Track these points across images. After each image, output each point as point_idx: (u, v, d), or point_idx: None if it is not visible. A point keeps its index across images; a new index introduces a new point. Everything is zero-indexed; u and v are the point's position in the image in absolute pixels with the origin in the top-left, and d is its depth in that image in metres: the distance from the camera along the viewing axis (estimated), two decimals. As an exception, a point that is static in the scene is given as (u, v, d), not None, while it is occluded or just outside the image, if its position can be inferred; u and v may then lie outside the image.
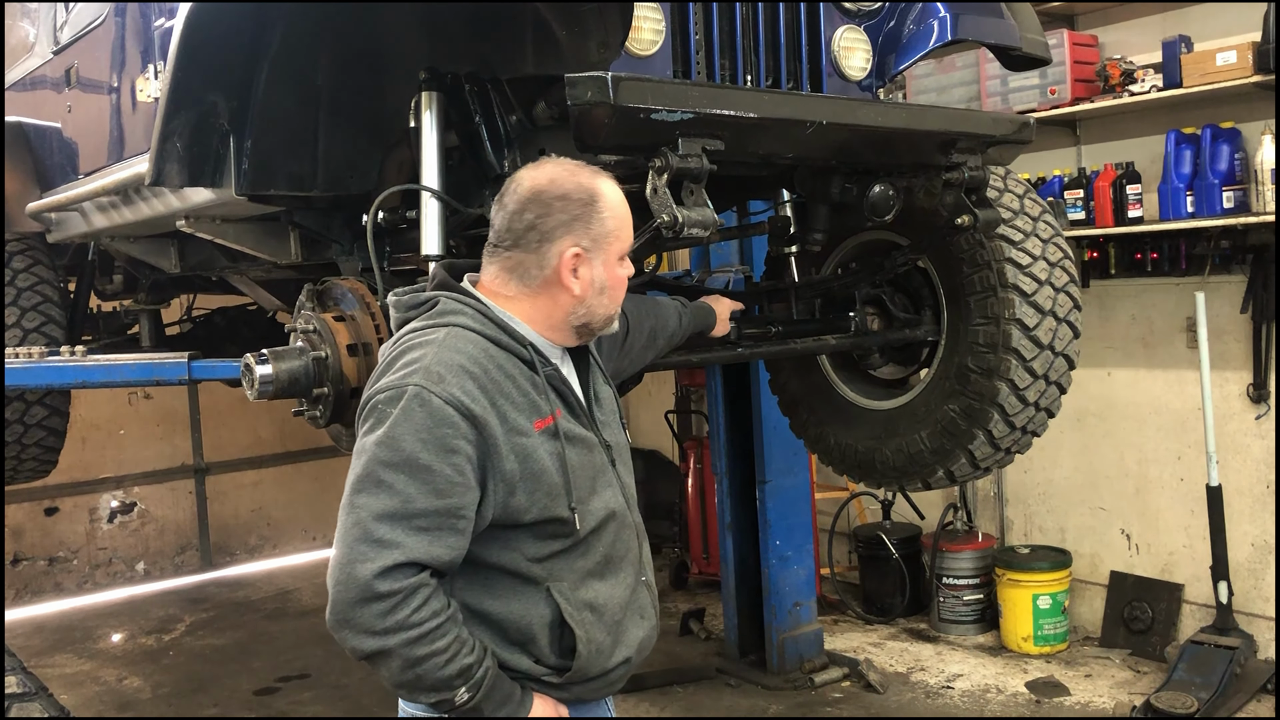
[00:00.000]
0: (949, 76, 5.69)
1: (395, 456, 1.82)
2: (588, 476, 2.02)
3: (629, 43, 2.48)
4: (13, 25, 4.64)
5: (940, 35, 2.99)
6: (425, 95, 2.72)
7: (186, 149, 2.86)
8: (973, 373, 3.20)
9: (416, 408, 1.83)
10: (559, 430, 1.97)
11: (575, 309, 2.05)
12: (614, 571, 2.07)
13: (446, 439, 1.83)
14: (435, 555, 1.83)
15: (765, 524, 5.49)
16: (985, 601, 5.93)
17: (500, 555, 1.95)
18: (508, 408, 1.91)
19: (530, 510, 1.93)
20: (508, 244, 2.02)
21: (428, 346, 1.92)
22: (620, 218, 2.06)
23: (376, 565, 1.78)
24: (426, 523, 1.82)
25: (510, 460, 1.89)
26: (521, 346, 1.99)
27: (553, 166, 2.05)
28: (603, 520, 2.04)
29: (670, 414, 7.42)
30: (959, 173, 2.81)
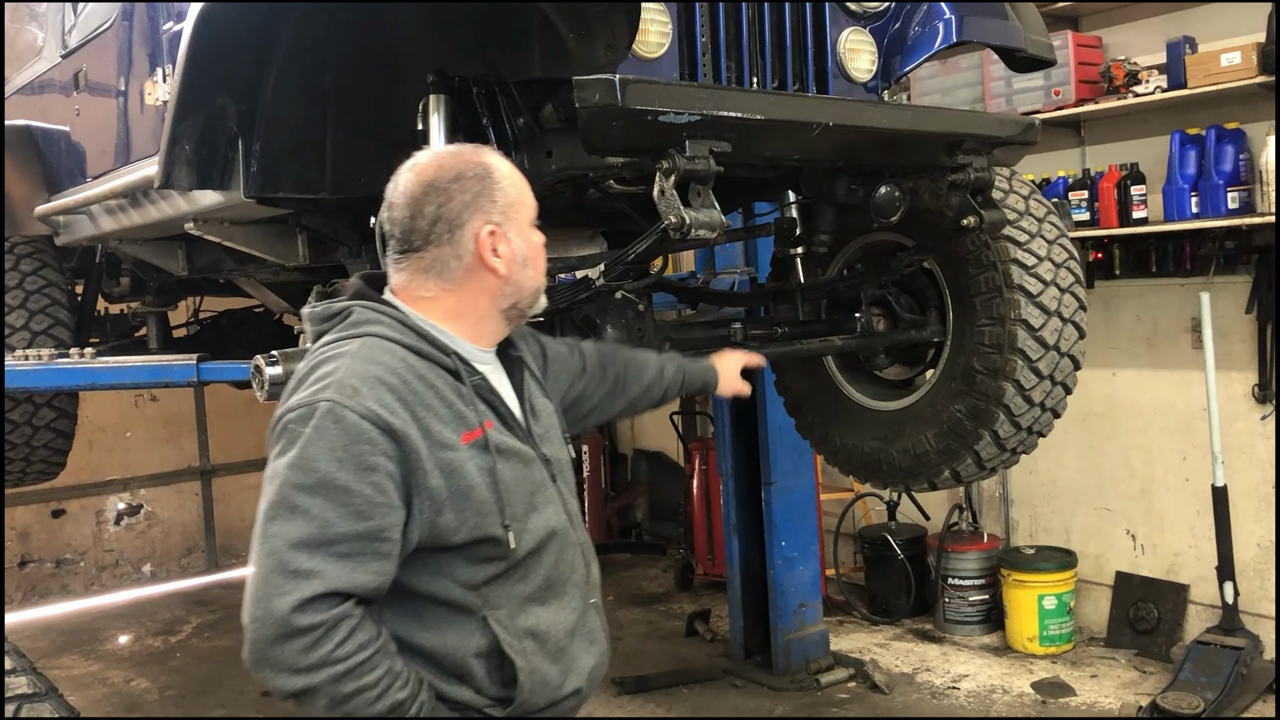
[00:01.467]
0: (953, 78, 5.70)
1: (309, 479, 1.69)
2: (524, 493, 1.89)
3: (636, 45, 2.50)
4: (21, 29, 4.66)
5: (945, 37, 3.00)
6: (433, 98, 2.72)
7: (195, 152, 2.87)
8: (978, 373, 3.20)
9: (330, 425, 1.71)
10: (489, 443, 1.84)
11: (502, 290, 1.94)
12: (557, 595, 1.93)
13: (364, 456, 1.70)
14: (359, 582, 1.69)
15: (771, 525, 5.50)
16: (991, 602, 5.94)
17: (431, 583, 1.82)
18: (431, 420, 1.78)
19: (460, 530, 1.79)
20: (418, 244, 1.89)
21: (341, 359, 1.80)
22: (519, 184, 1.98)
23: (294, 598, 1.64)
24: (348, 548, 1.69)
25: (435, 476, 1.76)
26: (445, 355, 1.87)
27: (432, 156, 1.96)
28: (543, 540, 1.91)
29: (675, 415, 7.43)
30: (964, 174, 2.82)
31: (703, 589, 7.02)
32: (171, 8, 3.31)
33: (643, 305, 2.96)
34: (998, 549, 5.99)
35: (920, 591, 6.22)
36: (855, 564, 6.83)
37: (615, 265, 2.48)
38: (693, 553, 7.15)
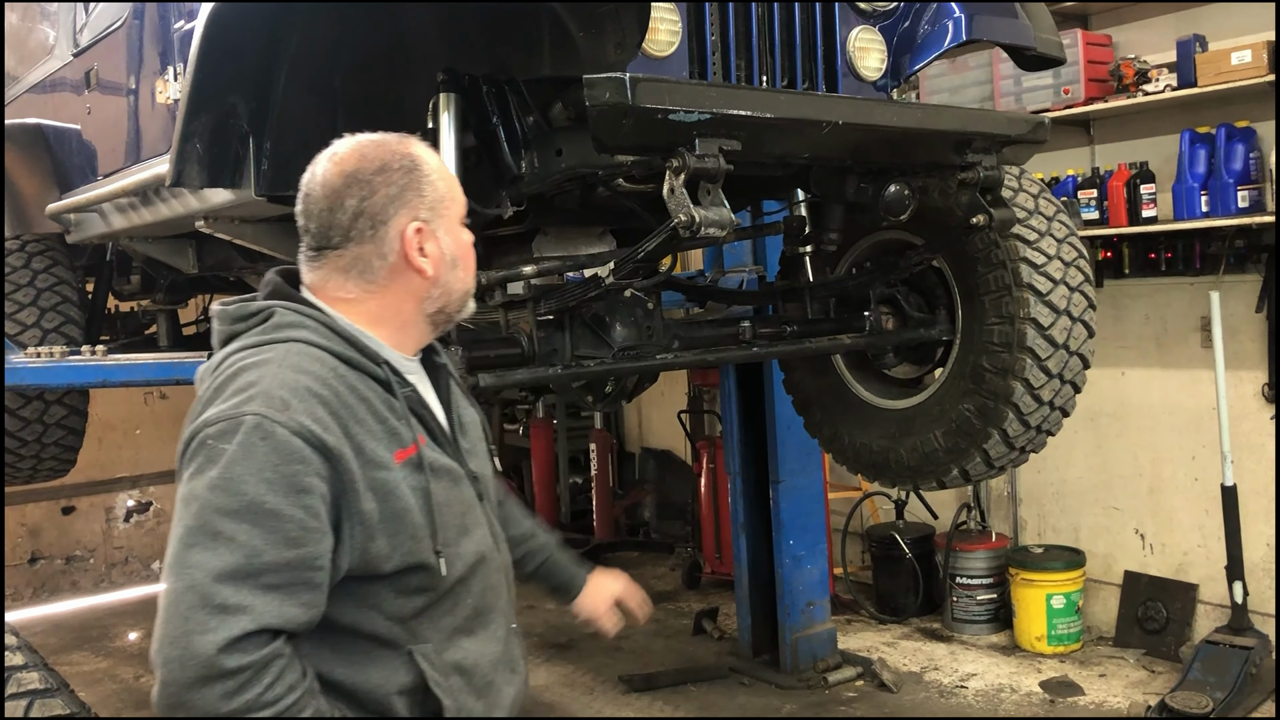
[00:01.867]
0: (962, 76, 5.70)
1: (235, 502, 1.52)
2: (456, 514, 1.75)
3: (646, 44, 2.51)
4: (32, 28, 4.68)
5: (955, 36, 3.01)
6: (443, 96, 2.73)
7: (206, 150, 2.88)
8: (988, 372, 3.21)
9: (258, 441, 1.53)
10: (423, 461, 1.69)
11: (430, 292, 1.78)
12: (484, 625, 1.81)
13: (296, 477, 1.54)
14: (290, 617, 1.53)
15: (779, 524, 5.50)
16: (999, 601, 5.93)
17: (355, 615, 1.66)
18: (363, 437, 1.63)
19: (392, 557, 1.64)
20: (336, 241, 1.72)
21: (265, 366, 1.62)
22: (448, 178, 1.82)
23: (221, 636, 1.47)
24: (278, 578, 1.52)
25: (368, 499, 1.61)
26: (376, 365, 1.71)
27: (353, 145, 1.77)
28: (472, 566, 1.78)
29: (683, 414, 7.44)
30: (974, 172, 2.83)
31: (710, 587, 7.02)
32: (183, 7, 3.32)
33: (651, 303, 2.97)
34: (1006, 548, 5.99)
35: (928, 590, 6.22)
36: (863, 563, 6.83)
37: (625, 263, 2.49)
38: (700, 551, 7.15)
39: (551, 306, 2.76)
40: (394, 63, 2.90)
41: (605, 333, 2.85)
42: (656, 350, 2.89)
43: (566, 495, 8.57)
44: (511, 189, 2.86)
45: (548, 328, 2.82)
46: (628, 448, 8.79)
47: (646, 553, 7.99)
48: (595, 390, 3.17)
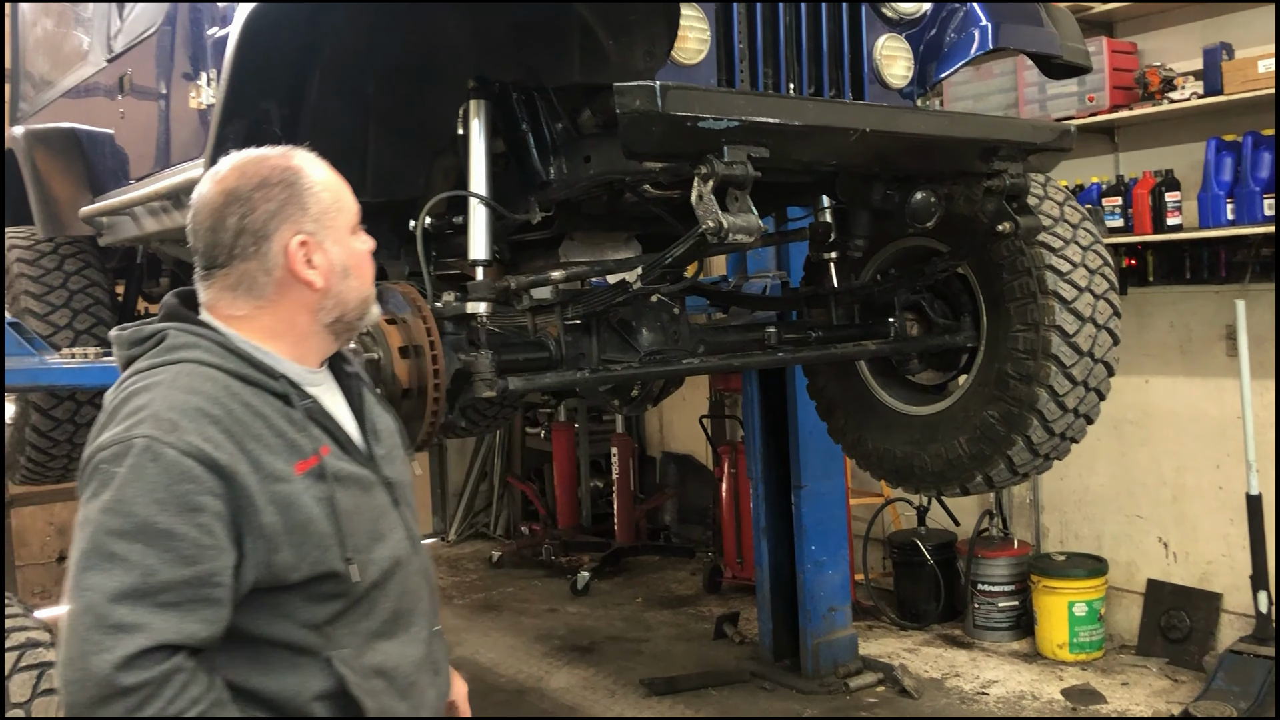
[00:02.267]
0: (986, 84, 5.70)
1: (127, 523, 1.53)
2: (367, 521, 1.76)
3: (675, 51, 2.53)
4: (67, 34, 4.75)
5: (981, 44, 3.02)
6: (473, 103, 2.77)
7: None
8: (1012, 379, 3.21)
9: (148, 463, 1.55)
10: (325, 470, 1.70)
11: (322, 303, 1.77)
12: (404, 627, 1.81)
13: (187, 496, 1.55)
14: (189, 633, 1.54)
15: (800, 529, 5.51)
16: (1020, 608, 5.92)
17: (269, 626, 1.67)
18: (260, 451, 1.63)
19: (299, 567, 1.65)
20: (221, 259, 1.72)
21: (155, 389, 1.63)
22: (334, 188, 1.80)
23: (117, 654, 1.48)
24: (174, 596, 1.53)
25: (269, 513, 1.62)
26: (273, 379, 1.71)
27: (234, 162, 1.77)
28: (387, 570, 1.78)
29: (705, 419, 7.45)
30: (1000, 180, 2.84)
31: (731, 592, 7.03)
32: (216, 12, 3.37)
33: (677, 309, 2.99)
34: (1028, 555, 5.98)
35: (950, 597, 6.21)
36: (884, 569, 6.83)
37: (652, 269, 2.51)
38: (721, 556, 7.17)
39: (579, 311, 2.79)
40: (425, 69, 2.94)
41: (632, 337, 2.87)
42: (682, 355, 2.91)
43: (588, 499, 8.60)
44: (540, 194, 2.89)
45: (575, 332, 2.85)
46: (649, 452, 8.81)
47: (667, 557, 8.02)
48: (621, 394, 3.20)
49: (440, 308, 2.52)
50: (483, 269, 2.76)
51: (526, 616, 6.91)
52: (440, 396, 2.43)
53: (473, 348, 2.57)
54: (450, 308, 2.55)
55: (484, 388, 2.47)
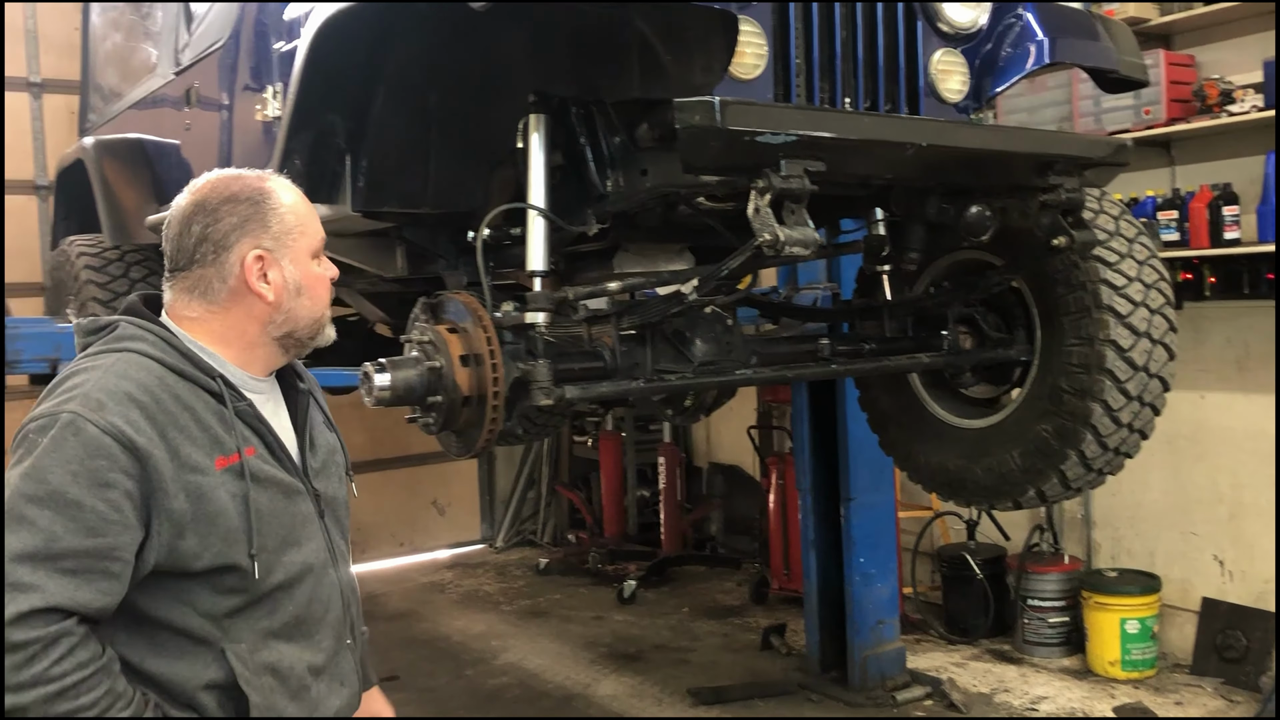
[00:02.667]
0: (1040, 97, 5.67)
1: (40, 490, 1.63)
2: (282, 524, 1.83)
3: (732, 66, 2.56)
4: (136, 47, 4.88)
5: (1038, 58, 3.02)
6: (533, 117, 2.82)
7: (305, 167, 3.01)
8: (1066, 393, 3.21)
9: (69, 437, 1.65)
10: (245, 470, 1.78)
11: (272, 317, 1.89)
12: (306, 634, 1.88)
13: (100, 472, 1.64)
14: (82, 600, 1.62)
15: (849, 541, 5.51)
16: (1071, 624, 5.86)
17: (169, 610, 1.75)
18: (181, 441, 1.72)
19: (202, 556, 1.73)
20: (183, 263, 1.86)
21: (92, 372, 1.75)
22: (300, 213, 1.92)
23: (11, 611, 1.57)
24: (74, 564, 1.62)
25: (179, 499, 1.70)
26: (210, 378, 1.81)
27: (213, 177, 1.92)
28: (296, 575, 1.85)
29: (753, 430, 7.46)
30: (1056, 194, 2.84)
31: (778, 603, 7.02)
32: (282, 26, 3.46)
33: (731, 320, 3.02)
34: (1079, 571, 5.92)
35: (999, 612, 6.16)
36: (932, 583, 6.79)
37: (709, 280, 2.54)
38: (768, 567, 7.16)
39: (634, 321, 2.83)
40: (486, 84, 2.99)
41: (686, 348, 2.91)
42: (735, 366, 2.94)
43: (634, 508, 8.63)
44: (597, 207, 2.93)
45: (629, 342, 2.89)
46: (695, 462, 8.83)
47: (713, 567, 8.02)
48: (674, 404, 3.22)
49: (499, 317, 2.56)
50: (540, 280, 2.80)
51: (573, 624, 6.95)
52: (499, 404, 2.48)
53: (530, 357, 2.62)
54: (509, 317, 2.59)
55: (542, 396, 2.52)
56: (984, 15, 3.05)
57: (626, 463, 8.59)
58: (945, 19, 2.97)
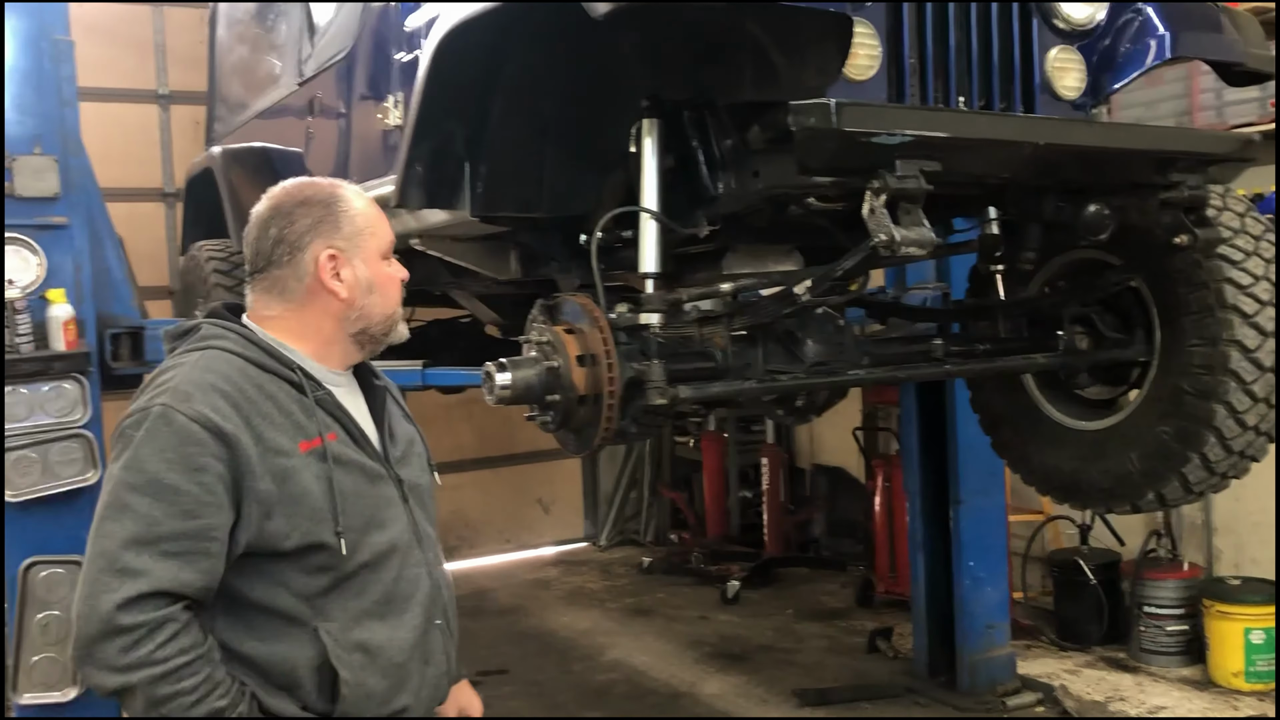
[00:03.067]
0: (1157, 91, 5.53)
1: (139, 478, 1.74)
2: (366, 506, 1.92)
3: (845, 67, 2.56)
4: (261, 59, 5.08)
5: (1159, 53, 2.95)
6: (646, 122, 2.86)
7: (427, 173, 3.11)
8: (1188, 395, 3.13)
9: (162, 427, 1.76)
10: (327, 452, 1.88)
11: (346, 314, 2.00)
12: (396, 612, 1.95)
13: (193, 457, 1.75)
14: (186, 581, 1.73)
15: (959, 544, 5.44)
16: (1191, 633, 5.69)
17: (265, 592, 1.84)
18: (265, 427, 1.83)
19: (291, 535, 1.82)
20: (262, 265, 1.99)
21: (180, 369, 1.87)
22: (370, 215, 2.04)
23: (119, 595, 1.68)
24: (175, 546, 1.72)
25: (266, 480, 1.80)
26: (289, 370, 1.92)
27: (288, 184, 2.04)
28: (382, 554, 1.93)
29: (858, 431, 7.41)
30: (1178, 191, 2.78)
31: (883, 606, 6.96)
32: (403, 38, 3.57)
33: (842, 320, 3.02)
34: (1199, 578, 5.75)
35: (1113, 619, 6.02)
36: (1043, 588, 6.66)
37: (823, 280, 2.55)
38: (873, 570, 7.11)
39: (745, 322, 2.85)
40: (600, 90, 3.05)
41: (797, 348, 2.92)
42: (848, 366, 2.94)
43: (736, 509, 8.64)
44: (708, 209, 2.97)
45: (740, 343, 2.91)
46: (798, 463, 8.79)
47: (817, 569, 7.99)
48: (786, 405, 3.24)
49: (615, 318, 2.62)
50: (652, 281, 2.85)
51: (678, 623, 6.99)
52: (615, 404, 2.53)
53: (644, 357, 2.66)
54: (624, 318, 2.64)
55: (656, 396, 2.55)
56: (1101, 11, 2.99)
57: (729, 463, 8.61)
58: (1061, 15, 2.92)
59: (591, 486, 9.48)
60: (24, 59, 3.91)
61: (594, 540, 9.35)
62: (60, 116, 3.95)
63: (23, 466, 3.64)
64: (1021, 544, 6.46)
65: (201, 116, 6.89)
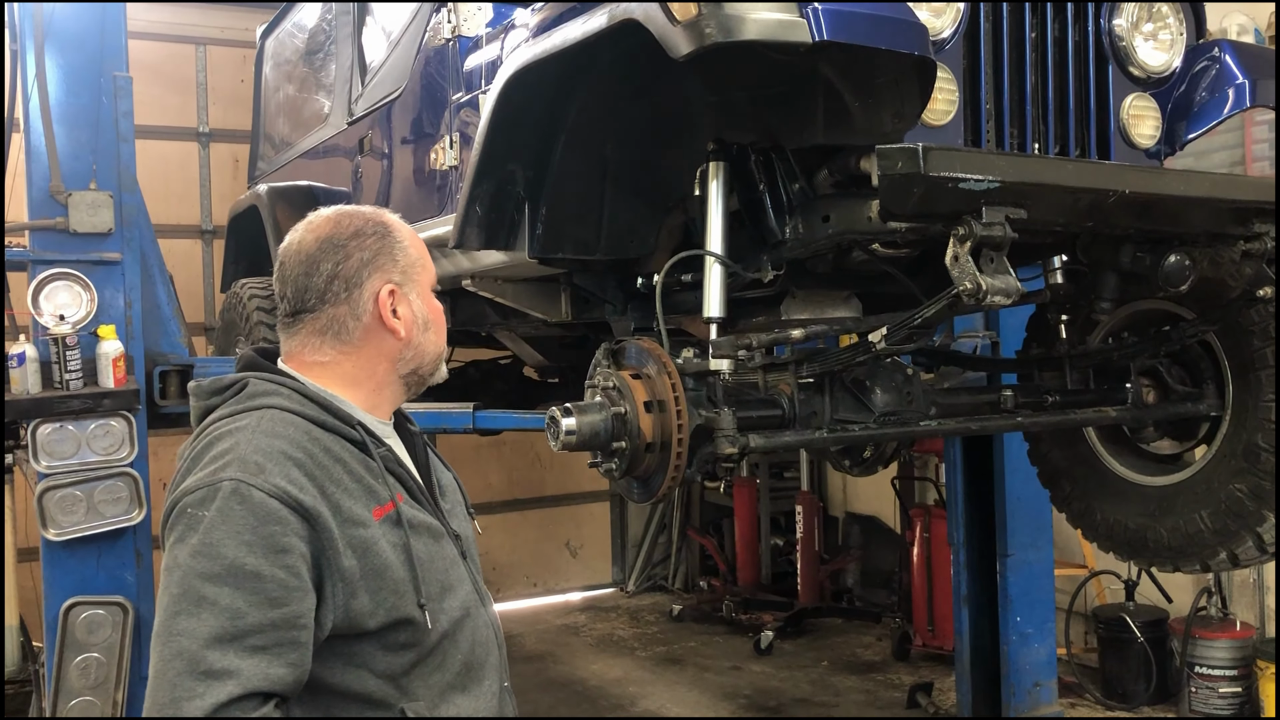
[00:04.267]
0: (1210, 141, 5.42)
1: (215, 566, 1.53)
2: (439, 570, 1.77)
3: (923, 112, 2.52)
4: (308, 98, 5.08)
5: (1237, 102, 2.90)
6: (712, 165, 2.82)
7: (486, 214, 3.07)
8: (1263, 451, 3.04)
9: (235, 505, 1.56)
10: (401, 518, 1.72)
11: (403, 354, 1.84)
12: (476, 680, 1.80)
13: (275, 538, 1.56)
14: (277, 677, 1.53)
15: (1006, 599, 5.32)
16: (1244, 695, 5.53)
17: (345, 676, 1.66)
18: (341, 496, 1.66)
19: (376, 614, 1.65)
20: (312, 304, 1.78)
21: (240, 434, 1.65)
22: (419, 246, 1.88)
23: (209, 701, 1.47)
24: (263, 640, 1.53)
25: (348, 556, 1.63)
26: (350, 427, 1.74)
27: (328, 214, 1.84)
28: (458, 621, 1.78)
29: (895, 480, 7.30)
30: (1260, 243, 2.71)
31: (921, 660, 6.82)
32: (461, 78, 3.55)
33: (911, 369, 2.95)
34: (1252, 638, 5.60)
35: (1162, 678, 5.86)
36: (1086, 644, 6.51)
37: (899, 329, 2.49)
38: (910, 623, 6.97)
39: (813, 369, 2.78)
40: (664, 132, 3.02)
41: (866, 397, 2.85)
42: (918, 417, 2.86)
43: (768, 556, 8.52)
44: (773, 253, 2.91)
45: (807, 390, 2.84)
46: (831, 512, 8.68)
47: (851, 620, 7.85)
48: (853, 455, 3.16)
49: (682, 364, 2.55)
50: (717, 326, 2.79)
51: (710, 672, 6.86)
52: (683, 451, 2.46)
53: (711, 404, 2.60)
54: (691, 364, 2.57)
55: (726, 445, 2.48)
56: (1177, 59, 2.94)
57: (761, 510, 8.50)
58: (1137, 63, 2.88)
59: (620, 530, 9.38)
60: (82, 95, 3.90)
61: (621, 586, 9.23)
62: (116, 152, 3.93)
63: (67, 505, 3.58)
64: (1064, 598, 6.32)
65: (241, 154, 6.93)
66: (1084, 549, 6.22)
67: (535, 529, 8.85)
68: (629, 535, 9.37)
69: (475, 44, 3.51)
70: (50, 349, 3.70)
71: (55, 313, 3.70)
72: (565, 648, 7.58)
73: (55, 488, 3.58)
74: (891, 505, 7.67)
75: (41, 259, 3.80)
